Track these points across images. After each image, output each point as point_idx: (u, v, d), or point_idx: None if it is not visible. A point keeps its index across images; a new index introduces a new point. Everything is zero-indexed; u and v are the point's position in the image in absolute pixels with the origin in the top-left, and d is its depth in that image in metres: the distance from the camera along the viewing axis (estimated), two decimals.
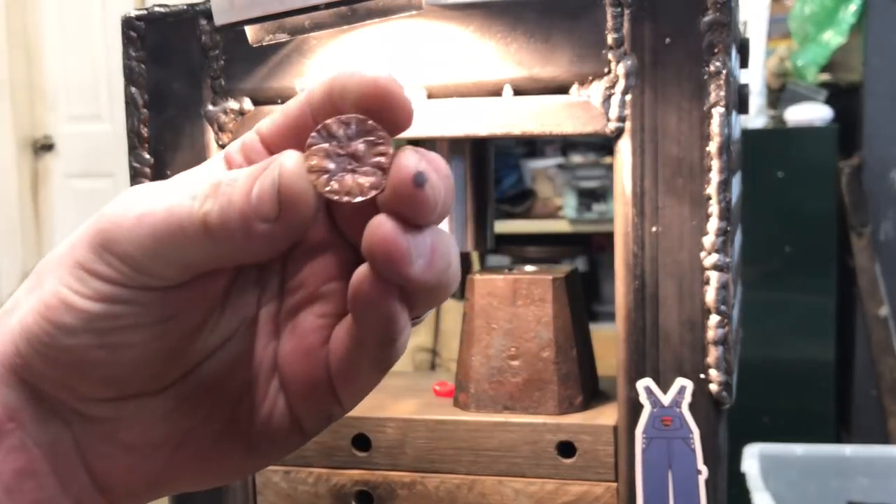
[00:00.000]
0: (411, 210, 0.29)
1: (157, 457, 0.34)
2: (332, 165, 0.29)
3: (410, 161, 0.29)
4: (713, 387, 0.69)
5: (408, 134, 0.75)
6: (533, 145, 2.75)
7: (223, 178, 0.30)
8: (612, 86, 0.69)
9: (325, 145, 0.30)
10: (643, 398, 0.70)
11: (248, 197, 0.29)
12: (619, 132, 0.69)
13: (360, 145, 0.29)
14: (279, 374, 0.34)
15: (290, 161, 0.29)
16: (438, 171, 0.29)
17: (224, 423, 0.34)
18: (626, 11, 0.68)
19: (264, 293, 0.34)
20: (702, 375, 0.69)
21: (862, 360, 2.04)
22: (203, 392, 0.34)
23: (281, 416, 0.34)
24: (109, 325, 0.31)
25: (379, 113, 0.30)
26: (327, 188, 0.29)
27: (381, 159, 0.29)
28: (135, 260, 0.30)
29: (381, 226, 0.29)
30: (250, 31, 0.62)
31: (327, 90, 0.31)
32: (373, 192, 0.29)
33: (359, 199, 0.29)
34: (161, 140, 0.76)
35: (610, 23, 0.68)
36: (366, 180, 0.29)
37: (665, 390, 0.69)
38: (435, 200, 0.29)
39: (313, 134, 0.30)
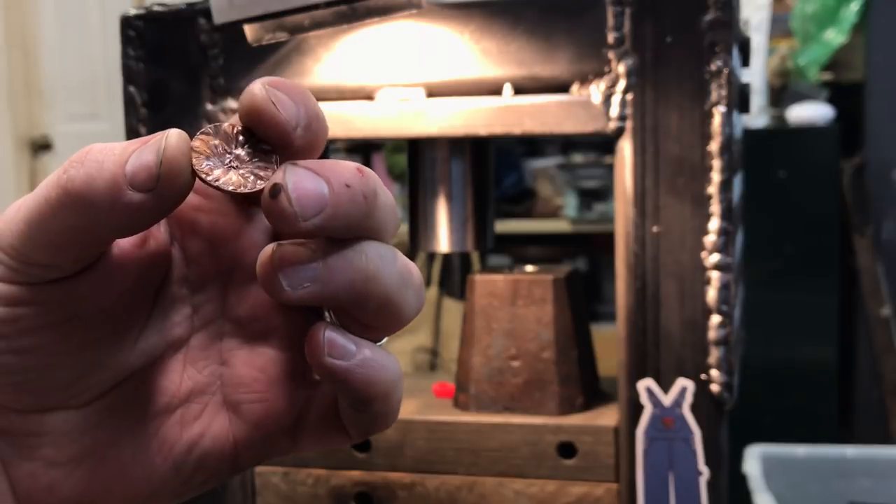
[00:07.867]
0: (270, 220, 0.30)
1: (80, 473, 0.33)
2: (213, 155, 0.31)
3: (276, 174, 0.30)
4: (714, 387, 0.68)
5: (410, 132, 0.75)
6: (533, 144, 2.74)
7: (96, 146, 0.30)
8: (613, 85, 0.68)
9: (215, 140, 0.31)
10: (644, 399, 0.69)
11: (121, 166, 0.29)
12: (619, 131, 0.69)
13: (243, 152, 0.31)
14: (228, 401, 0.33)
15: (176, 135, 0.30)
16: (309, 183, 0.29)
17: (149, 440, 0.33)
18: (627, 10, 0.68)
19: (197, 318, 0.34)
20: (703, 376, 0.69)
21: (864, 361, 2.04)
22: (128, 408, 0.33)
23: (213, 441, 0.33)
24: (12, 329, 0.30)
25: (257, 128, 0.31)
26: (201, 167, 0.30)
27: (260, 171, 0.31)
28: (17, 250, 0.30)
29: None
30: (249, 30, 0.62)
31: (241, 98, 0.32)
32: (240, 189, 0.30)
33: (225, 188, 0.30)
34: None
35: (611, 21, 0.68)
36: (238, 178, 0.30)
37: (666, 391, 0.69)
38: (295, 212, 0.29)
39: (209, 126, 0.31)
